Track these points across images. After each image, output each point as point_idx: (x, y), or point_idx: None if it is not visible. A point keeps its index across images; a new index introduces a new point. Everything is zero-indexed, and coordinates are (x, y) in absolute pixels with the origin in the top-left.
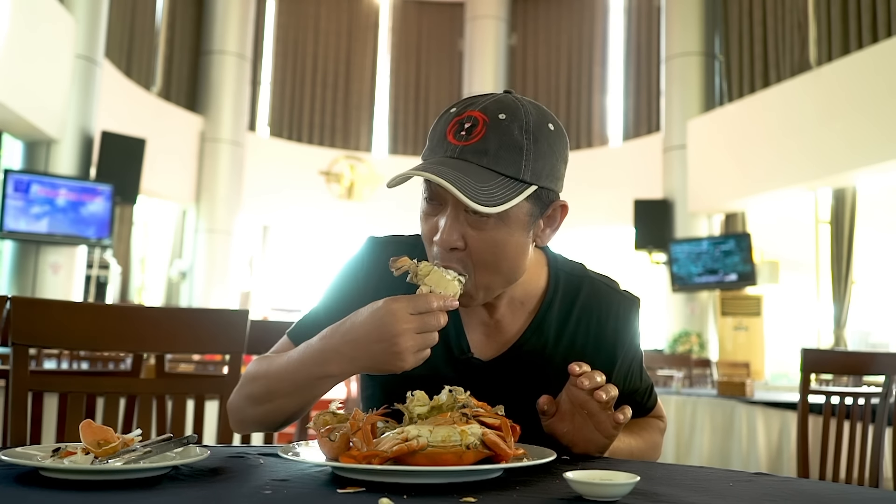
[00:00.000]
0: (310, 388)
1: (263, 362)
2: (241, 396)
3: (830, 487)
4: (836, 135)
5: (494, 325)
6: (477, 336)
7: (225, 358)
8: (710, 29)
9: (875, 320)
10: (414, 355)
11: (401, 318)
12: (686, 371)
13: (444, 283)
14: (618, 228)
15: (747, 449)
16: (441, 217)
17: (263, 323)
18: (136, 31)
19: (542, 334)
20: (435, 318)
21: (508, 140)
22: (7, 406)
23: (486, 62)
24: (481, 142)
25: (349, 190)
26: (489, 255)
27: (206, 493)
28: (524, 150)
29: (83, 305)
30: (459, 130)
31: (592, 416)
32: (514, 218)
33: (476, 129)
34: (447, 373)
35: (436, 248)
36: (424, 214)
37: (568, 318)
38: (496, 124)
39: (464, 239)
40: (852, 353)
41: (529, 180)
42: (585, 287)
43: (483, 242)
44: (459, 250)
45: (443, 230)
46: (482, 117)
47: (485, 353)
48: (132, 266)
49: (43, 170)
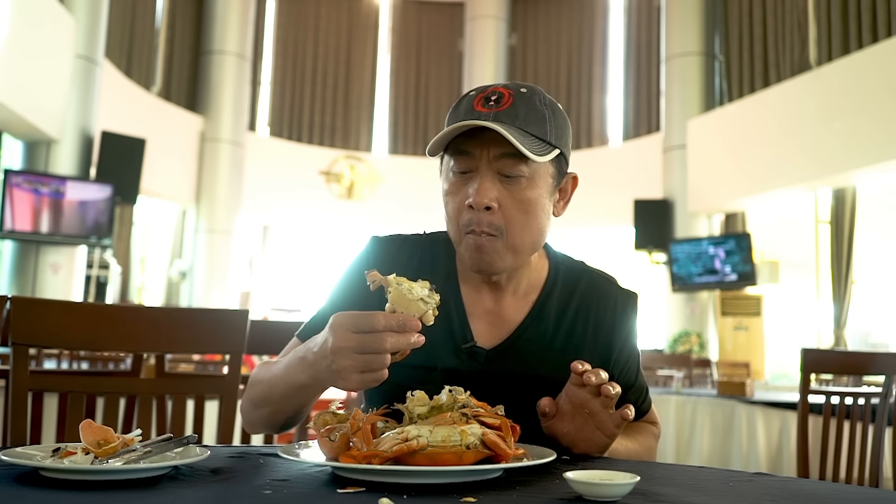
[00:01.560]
0: (294, 394)
1: (264, 367)
2: (246, 400)
3: (830, 487)
4: (835, 135)
5: (498, 313)
6: (481, 325)
7: (225, 358)
8: (710, 29)
9: (875, 320)
10: (359, 375)
11: (339, 336)
12: (686, 371)
13: (404, 302)
14: (618, 228)
15: (747, 449)
16: (471, 185)
17: (263, 323)
18: (136, 31)
19: (542, 322)
20: (376, 341)
21: (533, 108)
22: (7, 406)
23: (486, 62)
24: (511, 108)
25: (349, 190)
26: (521, 214)
27: (206, 493)
28: (546, 117)
29: (83, 305)
30: (488, 101)
31: (594, 415)
32: (541, 180)
33: (503, 99)
34: (451, 362)
35: (466, 217)
36: (451, 190)
37: (567, 307)
38: (520, 95)
39: (497, 200)
40: (852, 353)
41: (555, 143)
42: (584, 279)
43: (516, 201)
44: (493, 211)
45: (477, 191)
46: (507, 91)
47: (488, 341)
48: (132, 266)
49: (43, 170)
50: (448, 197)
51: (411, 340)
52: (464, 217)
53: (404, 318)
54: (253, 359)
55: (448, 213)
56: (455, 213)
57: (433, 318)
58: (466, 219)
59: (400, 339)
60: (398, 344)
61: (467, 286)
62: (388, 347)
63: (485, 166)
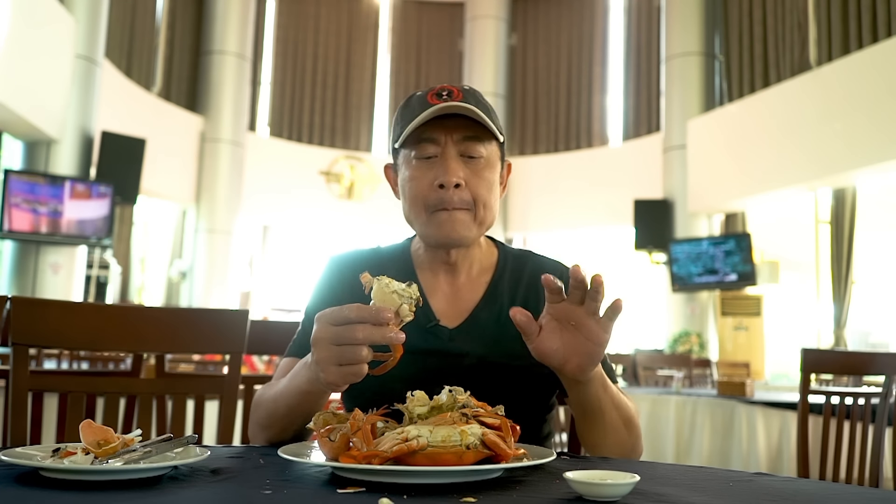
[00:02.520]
0: (298, 403)
1: (266, 388)
2: (253, 425)
3: (830, 487)
4: (835, 135)
5: (455, 294)
6: (440, 304)
7: (225, 358)
8: (710, 29)
9: (875, 320)
10: (338, 368)
11: (319, 328)
12: (686, 371)
13: (382, 296)
14: (618, 228)
15: (747, 449)
16: (437, 168)
17: (263, 323)
18: (136, 31)
19: (496, 301)
20: (349, 331)
21: (480, 101)
22: (7, 406)
23: (486, 62)
24: (463, 100)
25: (349, 190)
26: (485, 191)
27: (206, 493)
28: (490, 109)
29: (83, 305)
30: (440, 96)
31: (581, 326)
32: (493, 163)
33: (454, 93)
34: (418, 343)
35: (435, 196)
36: (415, 175)
37: (517, 286)
38: (467, 91)
39: (464, 179)
40: (852, 353)
41: (501, 131)
42: (531, 263)
43: (479, 179)
44: (462, 188)
45: (446, 170)
46: (454, 88)
47: (449, 321)
48: (132, 266)
49: (43, 170)
50: (412, 182)
51: (387, 334)
52: (431, 197)
53: (377, 308)
54: (253, 359)
55: (411, 197)
56: (420, 195)
57: (411, 313)
58: (435, 198)
59: (374, 330)
60: (372, 335)
61: (423, 271)
62: (360, 337)
63: (450, 149)
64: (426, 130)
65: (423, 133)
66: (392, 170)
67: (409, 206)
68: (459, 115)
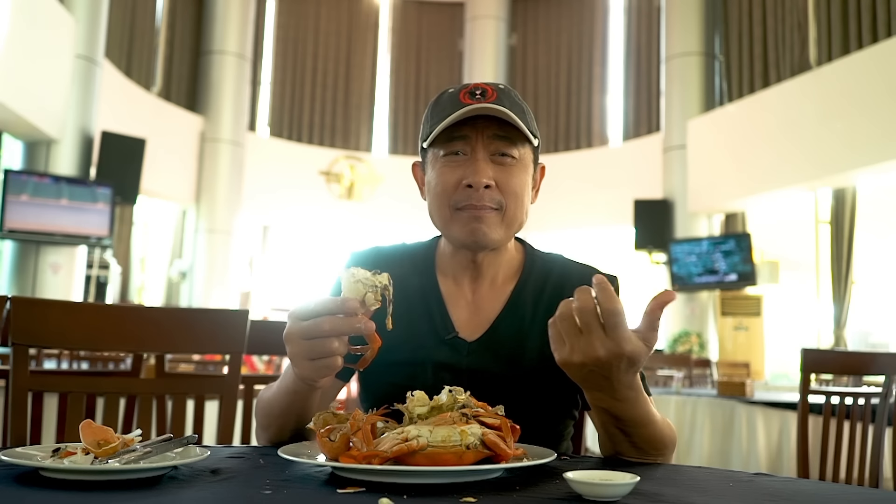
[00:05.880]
0: (289, 403)
1: (266, 390)
2: (256, 427)
3: (830, 487)
4: (835, 135)
5: (476, 301)
6: (461, 316)
7: (225, 358)
8: (710, 29)
9: (875, 320)
10: (310, 363)
11: (289, 325)
12: (686, 371)
13: (349, 286)
14: (618, 228)
15: (747, 449)
16: (466, 167)
17: (263, 323)
18: (136, 31)
19: (518, 311)
20: (316, 324)
21: (514, 102)
22: (7, 406)
23: (486, 62)
24: (497, 100)
25: (349, 190)
26: (515, 193)
27: (206, 493)
28: (525, 110)
29: (83, 305)
30: (473, 95)
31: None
32: (526, 165)
33: (488, 93)
34: (437, 355)
35: (461, 195)
36: (443, 173)
37: (541, 295)
38: (501, 91)
39: (493, 179)
40: (852, 353)
41: (535, 133)
42: (558, 268)
43: (510, 179)
44: (491, 189)
45: (475, 171)
46: (489, 87)
47: (469, 332)
48: (132, 266)
49: (43, 170)
50: (439, 180)
51: (355, 324)
52: (457, 196)
53: (342, 299)
54: (253, 359)
55: (436, 196)
56: (446, 192)
57: (377, 301)
58: (461, 196)
59: (340, 321)
60: (339, 326)
61: (446, 279)
62: (327, 329)
63: (480, 149)
64: (456, 129)
65: (453, 132)
66: (420, 168)
67: (434, 204)
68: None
